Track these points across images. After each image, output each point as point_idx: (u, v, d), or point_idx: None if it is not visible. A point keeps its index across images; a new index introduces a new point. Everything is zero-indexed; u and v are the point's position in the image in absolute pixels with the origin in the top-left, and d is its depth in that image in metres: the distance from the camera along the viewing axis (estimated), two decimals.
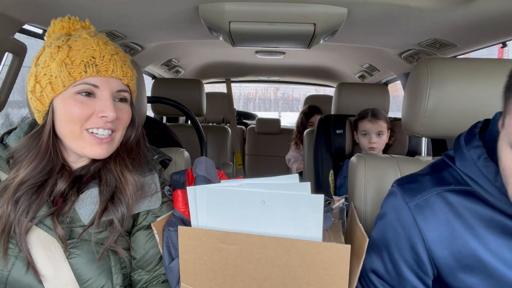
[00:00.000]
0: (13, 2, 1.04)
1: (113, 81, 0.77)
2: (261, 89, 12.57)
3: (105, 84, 0.75)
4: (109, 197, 0.78)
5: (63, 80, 0.73)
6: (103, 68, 0.75)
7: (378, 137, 1.71)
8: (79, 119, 0.74)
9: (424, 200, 0.71)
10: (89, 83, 0.74)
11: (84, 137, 0.76)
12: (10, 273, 0.74)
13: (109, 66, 0.75)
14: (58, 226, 0.75)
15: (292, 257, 0.66)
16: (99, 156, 0.78)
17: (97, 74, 0.74)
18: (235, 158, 3.15)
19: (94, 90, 0.75)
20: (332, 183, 1.78)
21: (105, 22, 1.36)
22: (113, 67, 0.76)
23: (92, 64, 0.74)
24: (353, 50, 2.09)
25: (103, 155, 0.78)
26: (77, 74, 0.73)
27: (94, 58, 0.74)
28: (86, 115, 0.74)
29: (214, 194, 0.70)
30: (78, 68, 0.73)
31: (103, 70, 0.75)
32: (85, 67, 0.73)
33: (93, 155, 0.77)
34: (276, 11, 1.16)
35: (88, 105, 0.74)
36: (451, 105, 0.97)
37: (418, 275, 0.72)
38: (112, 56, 0.76)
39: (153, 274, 0.84)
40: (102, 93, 0.75)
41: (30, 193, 0.75)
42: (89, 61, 0.74)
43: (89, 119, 0.75)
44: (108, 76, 0.75)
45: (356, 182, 1.09)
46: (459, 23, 1.20)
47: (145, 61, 2.13)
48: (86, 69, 0.73)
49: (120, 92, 0.79)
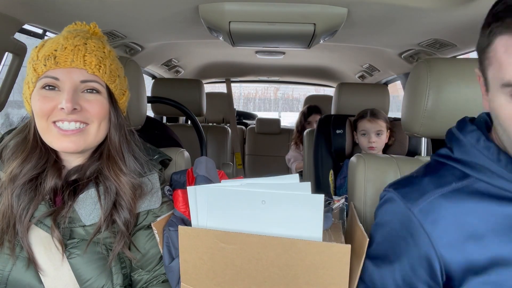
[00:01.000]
0: (13, 2, 1.04)
1: (75, 72, 0.75)
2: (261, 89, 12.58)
3: (66, 75, 0.74)
4: (112, 204, 0.78)
5: (31, 77, 0.75)
6: (62, 59, 0.73)
7: (377, 137, 1.71)
8: (42, 113, 0.74)
9: (428, 203, 0.66)
10: (49, 76, 0.74)
11: (51, 131, 0.75)
12: (11, 273, 0.74)
13: (68, 57, 0.74)
14: (55, 230, 0.75)
15: (292, 257, 0.66)
16: (69, 150, 0.76)
17: (56, 66, 0.73)
18: (235, 158, 3.15)
19: (56, 82, 0.74)
20: (332, 183, 1.78)
21: (105, 22, 1.36)
22: (73, 57, 0.74)
23: (52, 56, 0.73)
24: (353, 50, 2.09)
25: (73, 148, 0.76)
26: (39, 69, 0.74)
27: (56, 51, 0.74)
28: (48, 109, 0.74)
29: (215, 194, 0.70)
30: (40, 63, 0.74)
31: (62, 61, 0.74)
32: (45, 61, 0.73)
33: (62, 148, 0.76)
34: (276, 11, 1.16)
35: (51, 98, 0.74)
36: (450, 105, 0.97)
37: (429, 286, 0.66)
38: (75, 47, 0.75)
39: (153, 274, 0.84)
40: (63, 85, 0.74)
41: (28, 189, 0.76)
42: (50, 54, 0.73)
43: (53, 112, 0.74)
44: (68, 66, 0.74)
45: (356, 182, 1.09)
46: (459, 23, 1.20)
47: (145, 61, 2.13)
48: (46, 62, 0.73)
49: (85, 82, 0.76)
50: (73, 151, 0.77)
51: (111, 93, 0.80)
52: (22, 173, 0.76)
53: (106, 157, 0.81)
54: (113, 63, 0.81)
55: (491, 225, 0.62)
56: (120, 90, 0.84)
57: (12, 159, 0.77)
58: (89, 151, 0.83)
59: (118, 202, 0.79)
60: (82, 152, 0.80)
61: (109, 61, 0.79)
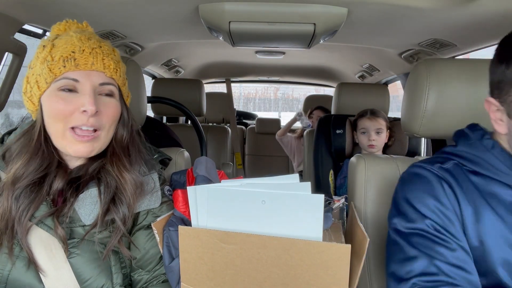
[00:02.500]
0: (13, 2, 1.04)
1: (94, 74, 0.75)
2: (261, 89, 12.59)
3: (85, 78, 0.74)
4: (110, 199, 0.78)
5: (45, 77, 0.74)
6: (83, 61, 0.74)
7: (377, 135, 1.71)
8: (62, 115, 0.73)
9: (444, 167, 0.75)
10: (69, 77, 0.73)
11: (67, 137, 0.75)
12: (11, 273, 0.74)
13: (88, 59, 0.74)
14: (59, 227, 0.75)
15: (292, 256, 0.66)
16: (83, 155, 0.77)
17: (76, 68, 0.73)
18: (235, 158, 3.15)
19: (75, 84, 0.74)
20: (332, 183, 1.78)
21: (105, 22, 1.36)
22: (93, 59, 0.75)
23: (71, 58, 0.73)
24: (353, 50, 2.09)
25: (86, 153, 0.77)
26: (57, 70, 0.73)
27: (74, 53, 0.73)
28: (68, 111, 0.73)
29: (215, 194, 0.70)
30: (58, 64, 0.73)
31: (82, 64, 0.74)
32: (63, 62, 0.73)
33: (76, 153, 0.76)
34: (276, 11, 1.16)
35: (70, 100, 0.74)
36: (450, 106, 0.97)
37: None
38: (93, 50, 0.75)
39: (153, 274, 0.84)
40: (83, 87, 0.74)
41: (29, 191, 0.75)
42: (68, 55, 0.73)
43: (72, 115, 0.74)
44: (88, 69, 0.74)
45: (356, 182, 1.09)
46: (459, 23, 1.20)
47: (145, 61, 2.13)
48: (65, 64, 0.73)
49: (104, 85, 0.77)
50: (86, 155, 0.78)
51: (121, 95, 0.83)
52: (24, 175, 0.75)
53: (111, 154, 0.82)
54: (123, 66, 0.84)
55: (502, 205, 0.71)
56: (127, 92, 0.87)
57: (16, 161, 0.77)
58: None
59: (118, 197, 0.79)
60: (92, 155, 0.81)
61: (121, 64, 0.82)
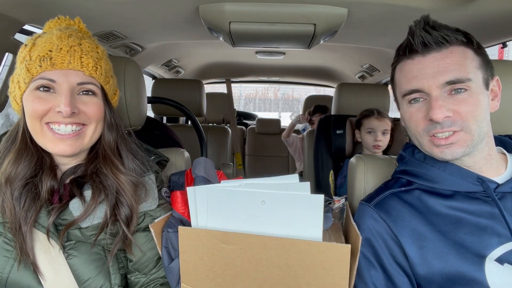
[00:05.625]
0: (13, 2, 1.04)
1: (72, 73, 0.73)
2: (261, 90, 12.59)
3: (63, 77, 0.72)
4: (114, 202, 0.78)
5: (24, 77, 0.73)
6: (59, 60, 0.72)
7: (383, 136, 1.71)
8: (37, 114, 0.72)
9: (381, 199, 0.83)
10: (45, 77, 0.72)
11: (46, 134, 0.74)
12: (10, 275, 0.74)
13: (65, 58, 0.72)
14: (56, 229, 0.75)
15: (292, 257, 0.66)
16: (65, 153, 0.75)
17: (53, 67, 0.72)
18: (235, 158, 3.15)
19: (52, 84, 0.72)
20: (332, 183, 1.78)
21: (105, 22, 1.36)
22: (70, 58, 0.72)
23: (47, 57, 0.71)
24: (353, 50, 2.09)
25: (69, 151, 0.75)
26: (34, 70, 0.72)
27: (51, 51, 0.72)
28: (43, 111, 0.72)
29: (214, 194, 0.70)
30: (34, 63, 0.72)
31: (59, 63, 0.72)
32: (40, 62, 0.71)
33: (57, 152, 0.75)
34: (276, 11, 1.16)
35: (46, 100, 0.72)
36: None
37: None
38: (71, 48, 0.73)
39: (150, 277, 0.84)
40: (60, 87, 0.72)
41: (28, 191, 0.75)
42: (45, 54, 0.71)
43: (48, 113, 0.73)
44: (65, 68, 0.72)
45: (355, 183, 1.09)
46: (459, 23, 1.20)
47: (145, 62, 2.13)
48: (41, 63, 0.71)
49: (82, 84, 0.75)
50: (70, 154, 0.76)
51: (105, 93, 0.80)
52: (16, 174, 0.74)
53: (102, 157, 0.81)
54: (107, 63, 0.80)
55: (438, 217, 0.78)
56: (112, 90, 0.83)
57: (1, 160, 0.76)
58: (84, 152, 0.82)
59: (119, 199, 0.79)
60: (78, 154, 0.80)
61: (104, 61, 0.79)
